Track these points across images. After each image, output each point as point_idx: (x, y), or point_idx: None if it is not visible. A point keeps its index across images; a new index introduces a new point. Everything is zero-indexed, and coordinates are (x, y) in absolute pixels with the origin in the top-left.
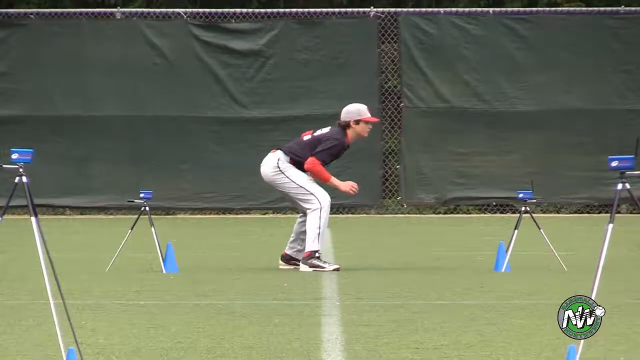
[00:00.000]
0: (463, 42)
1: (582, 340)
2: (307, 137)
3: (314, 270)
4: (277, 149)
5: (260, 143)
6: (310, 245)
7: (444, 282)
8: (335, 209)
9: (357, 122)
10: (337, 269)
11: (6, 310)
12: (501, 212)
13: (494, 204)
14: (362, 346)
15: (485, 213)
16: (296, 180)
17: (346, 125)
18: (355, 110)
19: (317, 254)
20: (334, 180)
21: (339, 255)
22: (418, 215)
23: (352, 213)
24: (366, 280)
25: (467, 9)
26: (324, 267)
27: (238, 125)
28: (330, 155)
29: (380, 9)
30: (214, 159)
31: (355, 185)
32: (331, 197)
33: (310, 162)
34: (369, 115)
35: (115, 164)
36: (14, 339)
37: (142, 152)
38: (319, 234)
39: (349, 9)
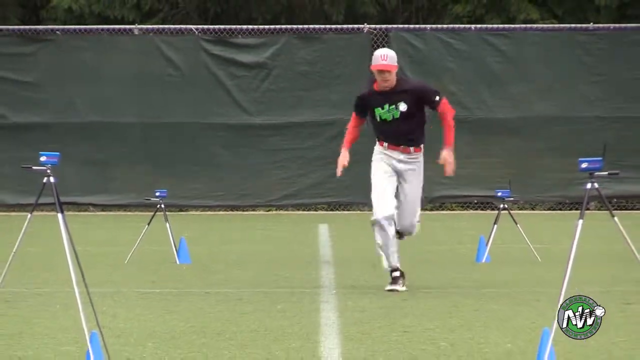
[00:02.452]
0: (448, 56)
1: (555, 325)
2: None
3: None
4: None
5: (264, 147)
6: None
7: (430, 272)
8: (332, 206)
9: (373, 70)
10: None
11: (35, 297)
12: (482, 209)
13: (476, 201)
14: (356, 329)
15: (467, 210)
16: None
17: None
18: (372, 58)
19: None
20: (343, 147)
21: (336, 248)
22: None
23: (348, 210)
24: (360, 271)
25: (451, 26)
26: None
27: (244, 130)
28: (355, 106)
29: (373, 26)
30: (222, 161)
31: (337, 162)
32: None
33: None
34: (378, 62)
35: (133, 166)
36: (42, 323)
37: (158, 155)
38: (380, 254)
39: (345, 26)
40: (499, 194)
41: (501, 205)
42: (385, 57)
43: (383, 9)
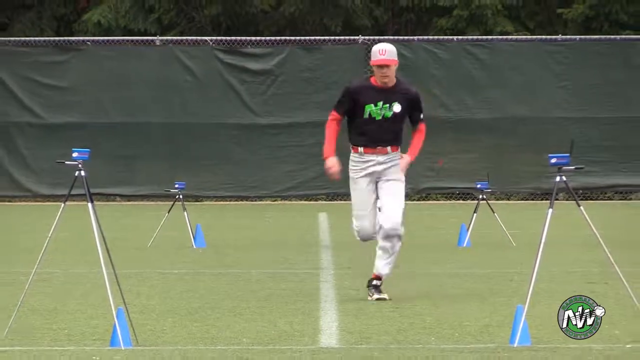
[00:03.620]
0: (433, 64)
1: (528, 301)
2: None
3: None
4: None
5: (270, 144)
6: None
7: (418, 255)
8: (331, 196)
9: (372, 66)
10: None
11: (69, 278)
12: (463, 199)
13: (458, 192)
14: (352, 305)
15: (450, 200)
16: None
17: None
18: (371, 54)
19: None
20: (328, 156)
21: (335, 234)
22: None
23: (345, 200)
24: (355, 254)
25: (436, 37)
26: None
27: (253, 129)
28: (338, 103)
29: (367, 37)
30: (233, 157)
31: (331, 172)
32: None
33: None
34: (377, 57)
35: (155, 161)
36: (74, 300)
37: (176, 151)
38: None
39: (342, 37)
40: (478, 185)
41: (480, 196)
42: (384, 51)
43: (376, 22)
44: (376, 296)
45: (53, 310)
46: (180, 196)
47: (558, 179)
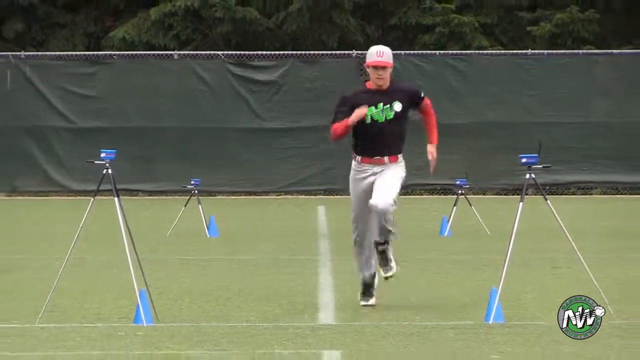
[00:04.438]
0: (418, 75)
1: (501, 284)
2: None
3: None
4: None
5: (275, 146)
6: None
7: (403, 244)
8: (328, 192)
9: (368, 67)
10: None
11: (97, 263)
12: (444, 194)
13: (439, 188)
14: (348, 287)
15: (432, 195)
16: None
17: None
18: (367, 55)
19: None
20: (349, 120)
21: (332, 225)
22: None
23: (341, 195)
24: (350, 244)
25: (421, 52)
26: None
27: (259, 133)
28: (336, 115)
29: (360, 51)
30: (242, 157)
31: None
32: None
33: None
34: (373, 58)
35: (173, 161)
36: (102, 282)
37: (192, 152)
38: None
39: (337, 52)
40: (458, 182)
41: (459, 191)
42: (381, 53)
43: (368, 38)
44: (362, 303)
45: (83, 292)
46: (196, 191)
47: (528, 176)
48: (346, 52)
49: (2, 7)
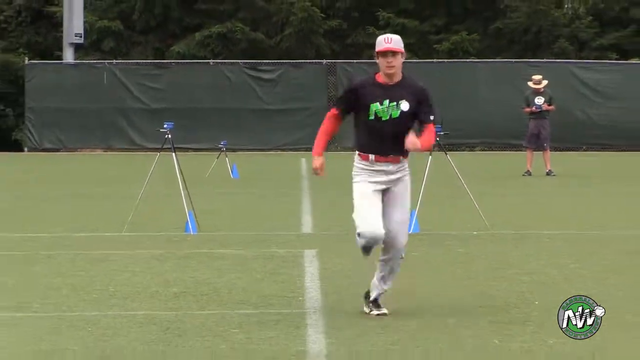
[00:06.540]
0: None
1: (417, 207)
2: None
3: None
4: None
5: (274, 120)
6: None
7: None
8: (309, 150)
9: (378, 57)
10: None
11: (161, 197)
12: None
13: None
14: (324, 214)
15: None
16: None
17: None
18: (376, 45)
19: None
20: (315, 154)
21: (309, 172)
22: None
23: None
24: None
25: (368, 60)
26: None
27: (263, 112)
28: (338, 99)
29: (328, 60)
30: (253, 126)
31: (317, 171)
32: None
33: None
34: (382, 45)
35: (210, 129)
36: (164, 208)
37: (222, 123)
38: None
39: (314, 60)
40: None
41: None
42: (389, 39)
43: (332, 52)
44: (375, 312)
45: (152, 216)
46: (224, 149)
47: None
48: (319, 60)
49: (102, 31)
